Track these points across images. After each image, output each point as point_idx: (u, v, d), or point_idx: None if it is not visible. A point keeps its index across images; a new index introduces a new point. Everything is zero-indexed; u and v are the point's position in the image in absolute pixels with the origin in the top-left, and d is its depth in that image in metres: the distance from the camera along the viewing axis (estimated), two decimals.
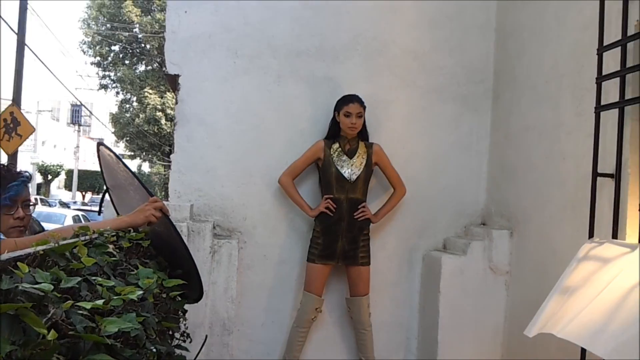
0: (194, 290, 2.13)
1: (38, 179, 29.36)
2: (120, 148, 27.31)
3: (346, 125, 3.18)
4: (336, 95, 3.25)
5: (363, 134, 3.29)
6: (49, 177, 30.91)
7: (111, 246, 1.57)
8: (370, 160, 3.25)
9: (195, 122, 3.25)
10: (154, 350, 1.38)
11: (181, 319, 2.10)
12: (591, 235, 2.38)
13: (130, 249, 1.81)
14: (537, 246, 2.96)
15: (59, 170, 31.39)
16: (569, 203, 2.69)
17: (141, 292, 1.14)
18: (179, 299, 2.03)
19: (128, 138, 22.85)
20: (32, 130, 9.61)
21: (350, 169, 3.21)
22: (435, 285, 3.26)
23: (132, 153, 24.30)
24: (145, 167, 32.57)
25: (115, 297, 1.05)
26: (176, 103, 3.24)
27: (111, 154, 2.17)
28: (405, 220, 3.50)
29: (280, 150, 3.34)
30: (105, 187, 2.40)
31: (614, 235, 2.29)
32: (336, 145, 3.25)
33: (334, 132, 3.27)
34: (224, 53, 3.29)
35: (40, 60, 16.51)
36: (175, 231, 1.98)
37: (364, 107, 3.22)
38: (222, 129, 3.29)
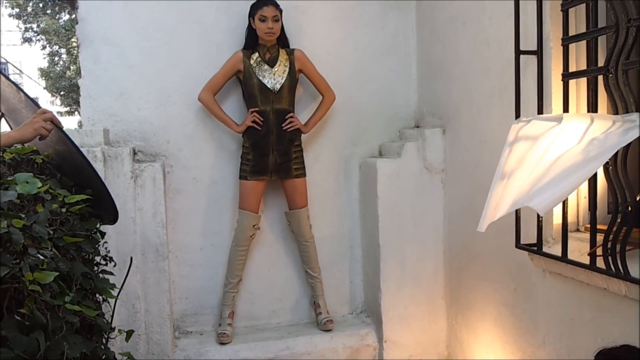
0: (107, 211, 2.01)
1: None
2: (57, 105, 25.98)
3: (263, 30, 2.99)
4: (250, 1, 3.05)
5: (283, 40, 3.12)
6: None
7: None
8: (293, 68, 3.10)
9: (99, 42, 2.99)
10: (41, 257, 1.28)
11: (100, 242, 1.99)
12: (518, 116, 2.34)
13: (19, 164, 1.66)
14: (469, 139, 2.93)
15: None
16: (496, 90, 2.64)
17: None
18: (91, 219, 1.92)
19: (63, 93, 21.71)
20: None
21: (273, 78, 3.06)
22: (373, 191, 3.22)
23: (69, 108, 23.18)
24: None
25: None
26: (76, 23, 2.97)
27: None
28: (339, 129, 3.41)
29: (196, 65, 3.13)
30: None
31: (540, 111, 2.25)
32: (256, 55, 3.07)
33: (251, 41, 3.08)
34: None
35: None
36: (73, 144, 1.83)
37: (280, 11, 3.03)
38: (130, 47, 3.04)
